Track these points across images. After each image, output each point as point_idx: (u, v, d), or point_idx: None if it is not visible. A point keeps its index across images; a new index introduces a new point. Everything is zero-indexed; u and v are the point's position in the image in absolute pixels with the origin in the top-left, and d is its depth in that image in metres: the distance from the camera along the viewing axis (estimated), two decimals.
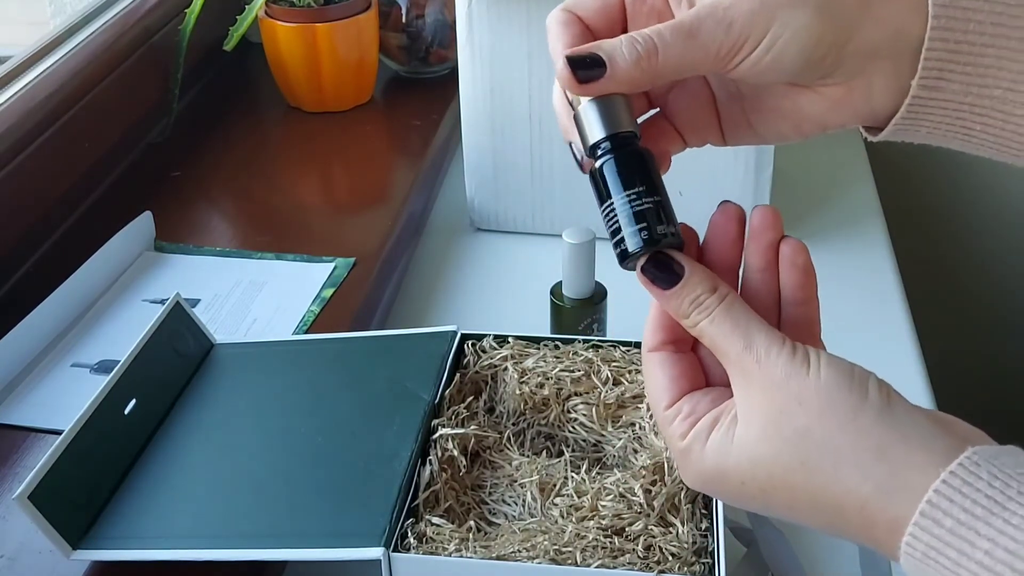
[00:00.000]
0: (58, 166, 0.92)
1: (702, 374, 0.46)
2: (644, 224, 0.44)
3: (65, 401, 0.73)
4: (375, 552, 0.55)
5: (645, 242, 0.44)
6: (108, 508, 0.61)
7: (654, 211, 0.44)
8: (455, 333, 0.70)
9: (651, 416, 0.64)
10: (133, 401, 0.65)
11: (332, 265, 0.88)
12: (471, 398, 0.67)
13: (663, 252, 0.44)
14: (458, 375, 0.68)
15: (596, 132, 0.44)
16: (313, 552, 0.56)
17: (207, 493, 0.62)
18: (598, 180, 0.45)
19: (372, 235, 0.93)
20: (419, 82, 1.22)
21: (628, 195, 0.44)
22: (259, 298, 0.85)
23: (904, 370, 0.85)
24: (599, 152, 0.45)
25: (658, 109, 0.50)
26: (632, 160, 0.44)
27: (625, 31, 0.47)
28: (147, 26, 1.07)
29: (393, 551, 0.55)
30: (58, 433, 0.60)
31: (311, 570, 0.67)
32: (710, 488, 0.44)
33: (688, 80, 0.48)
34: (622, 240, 0.44)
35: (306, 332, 0.81)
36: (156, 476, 0.63)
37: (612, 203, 0.44)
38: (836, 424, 0.40)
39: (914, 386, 0.83)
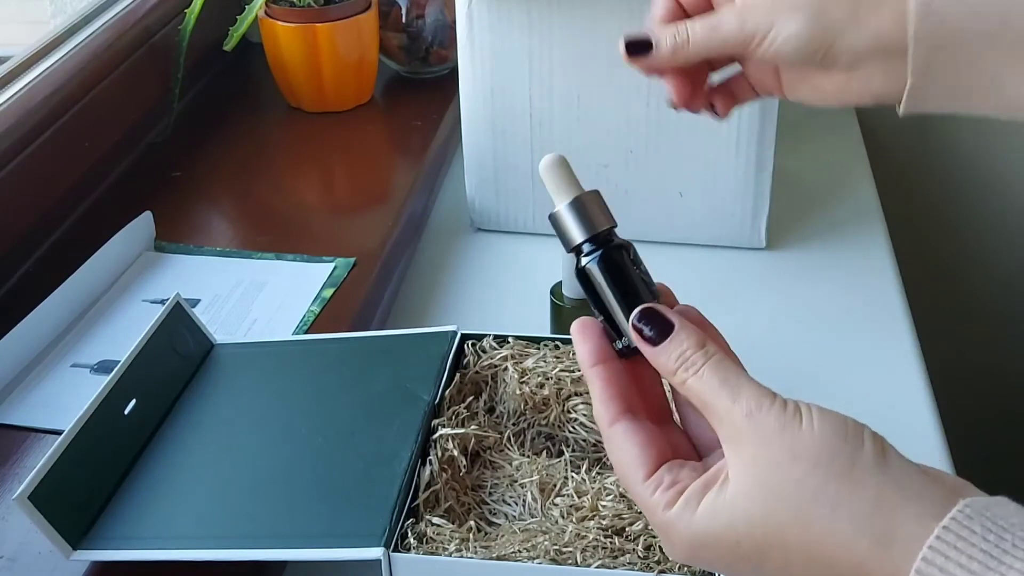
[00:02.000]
0: (58, 166, 0.92)
1: (667, 443, 0.46)
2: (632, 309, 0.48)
3: (65, 401, 0.73)
4: (375, 552, 0.55)
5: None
6: (108, 508, 0.61)
7: (639, 297, 0.47)
8: (455, 333, 0.70)
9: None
10: (133, 401, 0.65)
11: (332, 265, 0.88)
12: (471, 398, 0.67)
13: (653, 308, 0.46)
14: (458, 375, 0.68)
15: (577, 235, 0.49)
16: (313, 552, 0.56)
17: (207, 493, 0.62)
18: (587, 279, 0.49)
19: (372, 235, 0.93)
20: (419, 82, 1.22)
21: (615, 290, 0.48)
22: (259, 298, 0.85)
23: (904, 370, 0.85)
24: (583, 252, 0.49)
25: (739, 68, 0.59)
26: (614, 255, 0.48)
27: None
28: (147, 26, 1.07)
29: (393, 551, 0.55)
30: (58, 433, 0.60)
31: (311, 570, 0.67)
32: (701, 556, 0.43)
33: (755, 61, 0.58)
34: (616, 327, 0.48)
35: (306, 332, 0.81)
36: (156, 476, 0.63)
37: (605, 297, 0.48)
38: (832, 474, 0.40)
39: (914, 386, 0.83)
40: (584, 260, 0.48)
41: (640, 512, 0.58)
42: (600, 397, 0.46)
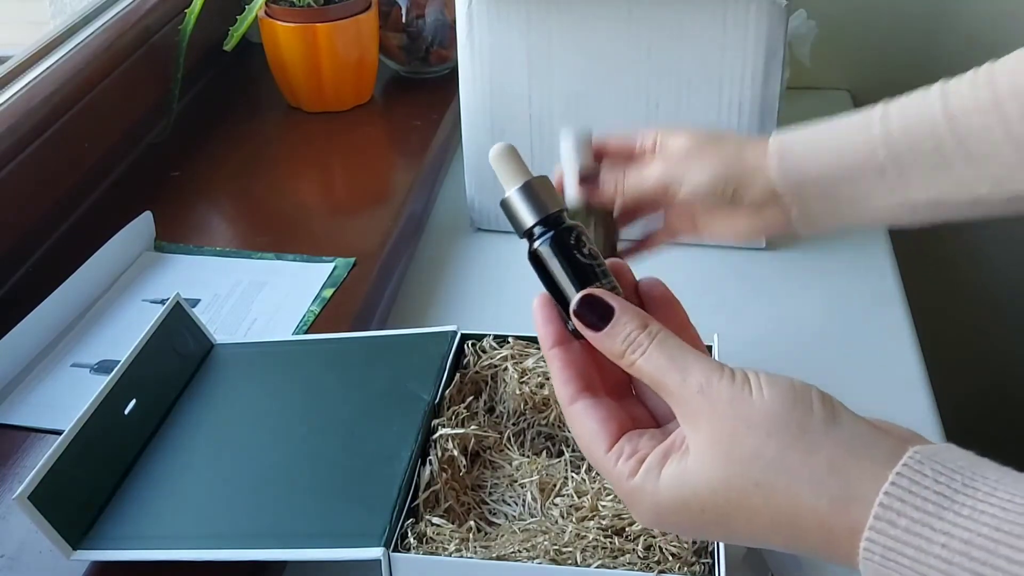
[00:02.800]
0: (58, 166, 0.92)
1: (626, 415, 0.47)
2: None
3: (65, 401, 0.73)
4: (375, 552, 0.55)
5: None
6: (108, 508, 0.61)
7: (593, 276, 0.47)
8: (455, 333, 0.70)
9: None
10: (133, 401, 0.65)
11: (332, 265, 0.88)
12: (471, 398, 0.67)
13: (593, 294, 0.46)
14: (458, 375, 0.68)
15: (528, 218, 0.49)
16: (313, 552, 0.56)
17: (207, 493, 0.62)
18: (539, 262, 0.49)
19: (372, 235, 0.93)
20: (419, 82, 1.22)
21: (568, 270, 0.48)
22: (259, 298, 0.85)
23: (904, 370, 0.85)
24: (535, 235, 0.49)
25: (659, 224, 0.73)
26: (564, 237, 0.48)
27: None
28: (147, 26, 1.07)
29: (393, 551, 0.55)
30: (58, 433, 0.60)
31: (311, 570, 0.67)
32: (668, 521, 0.44)
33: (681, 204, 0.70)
34: (568, 309, 0.47)
35: (306, 332, 0.81)
36: (156, 476, 0.63)
37: (556, 279, 0.48)
38: (786, 442, 0.41)
39: (914, 385, 0.83)
40: (535, 243, 0.49)
41: None
42: (559, 378, 0.48)
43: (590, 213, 0.68)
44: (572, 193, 0.69)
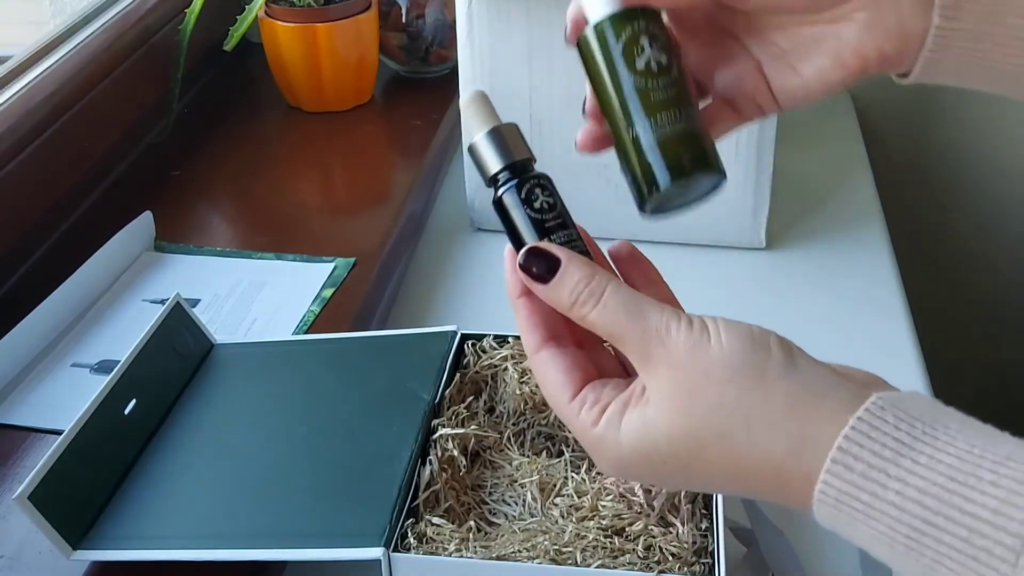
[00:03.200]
0: (58, 166, 0.92)
1: (592, 364, 0.46)
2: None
3: (65, 401, 0.73)
4: (375, 552, 0.55)
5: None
6: (108, 508, 0.61)
7: (548, 229, 0.47)
8: (455, 333, 0.70)
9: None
10: (133, 401, 0.65)
11: (332, 265, 0.88)
12: (471, 398, 0.67)
13: (538, 246, 0.45)
14: (458, 375, 0.68)
15: (493, 165, 0.48)
16: (313, 552, 0.56)
17: (207, 493, 0.62)
18: (502, 209, 0.48)
19: (372, 235, 0.93)
20: (419, 82, 1.22)
21: (528, 220, 0.47)
22: (259, 298, 0.85)
23: (904, 370, 0.85)
24: (500, 182, 0.48)
25: (710, 99, 0.52)
26: (529, 185, 0.47)
27: None
28: (147, 26, 1.07)
29: (393, 551, 0.55)
30: (58, 433, 0.60)
31: (311, 570, 0.67)
32: (631, 472, 0.44)
33: (733, 57, 0.51)
34: None
35: (306, 332, 0.81)
36: (156, 476, 0.63)
37: (516, 229, 0.47)
38: (744, 388, 0.41)
39: (914, 386, 0.83)
40: (499, 191, 0.48)
41: (639, 512, 0.58)
42: (524, 327, 0.47)
43: (636, 17, 0.51)
44: None
